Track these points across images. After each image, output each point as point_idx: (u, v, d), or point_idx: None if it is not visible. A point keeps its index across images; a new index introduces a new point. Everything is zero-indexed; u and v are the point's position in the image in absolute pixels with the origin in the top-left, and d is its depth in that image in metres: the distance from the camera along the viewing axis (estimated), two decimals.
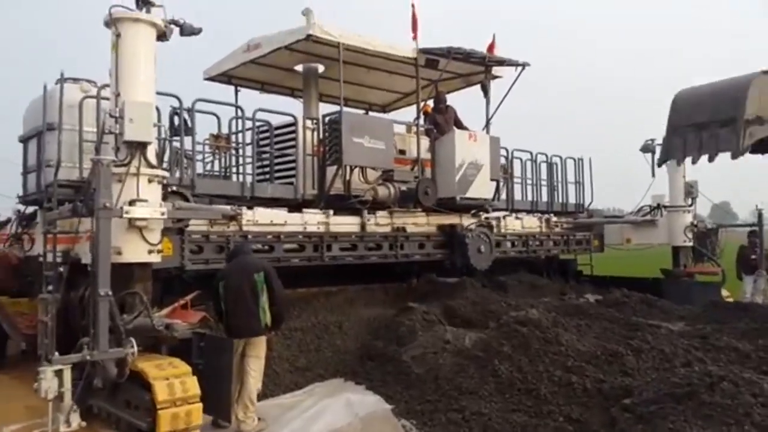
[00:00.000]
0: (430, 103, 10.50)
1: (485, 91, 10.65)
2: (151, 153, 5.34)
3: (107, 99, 6.24)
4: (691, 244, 11.74)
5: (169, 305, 5.85)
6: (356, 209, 8.86)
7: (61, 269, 5.83)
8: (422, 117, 10.15)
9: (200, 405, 4.59)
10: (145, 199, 5.00)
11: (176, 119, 7.53)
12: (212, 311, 5.73)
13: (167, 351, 5.20)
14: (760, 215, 11.37)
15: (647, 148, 12.25)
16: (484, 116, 10.66)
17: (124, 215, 4.74)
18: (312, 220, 8.37)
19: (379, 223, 9.12)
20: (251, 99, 10.98)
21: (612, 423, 4.81)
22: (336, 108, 8.95)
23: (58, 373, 3.74)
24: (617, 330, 7.59)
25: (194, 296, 5.54)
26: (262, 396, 6.01)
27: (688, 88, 6.68)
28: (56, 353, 3.98)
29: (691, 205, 11.87)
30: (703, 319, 8.91)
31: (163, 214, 5.07)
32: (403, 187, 9.27)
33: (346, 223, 8.71)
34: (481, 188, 9.87)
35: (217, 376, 4.93)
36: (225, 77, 10.43)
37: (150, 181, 5.20)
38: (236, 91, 10.54)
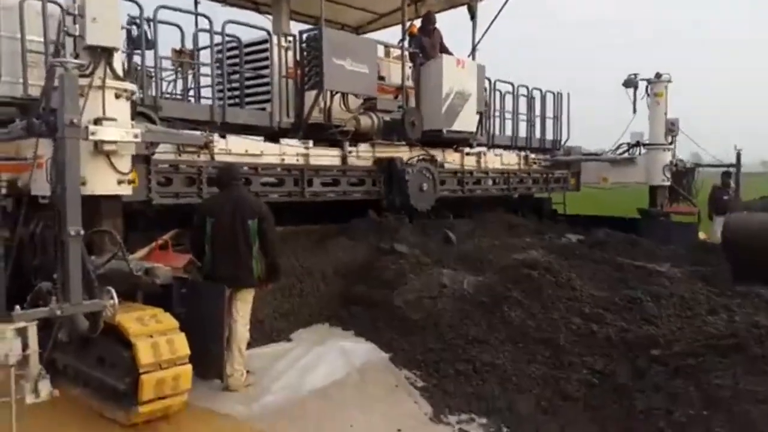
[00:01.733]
0: (417, 23, 9.62)
1: (472, 13, 9.88)
2: (118, 62, 4.41)
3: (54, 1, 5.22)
4: (669, 183, 11.57)
5: (134, 245, 5.09)
6: (336, 140, 8.11)
7: (5, 203, 4.96)
8: (407, 39, 9.29)
9: (189, 367, 3.94)
10: (113, 117, 4.12)
11: (134, 30, 6.52)
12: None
13: (142, 299, 4.48)
14: (738, 156, 11.26)
15: (630, 83, 11.79)
16: (470, 41, 9.95)
17: (90, 136, 3.87)
18: (290, 151, 7.58)
19: (361, 156, 8.41)
20: (212, 14, 9.84)
21: (640, 375, 4.48)
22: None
23: (21, 332, 3.01)
24: (608, 271, 7.37)
25: (174, 234, 4.78)
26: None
27: None
28: (17, 307, 3.22)
29: (671, 143, 11.63)
30: (688, 261, 8.81)
31: (136, 136, 4.21)
32: (387, 117, 8.54)
33: (326, 155, 7.96)
34: (467, 120, 9.27)
35: (205, 327, 4.28)
36: None
37: (117, 96, 4.28)
38: (195, 2, 9.31)
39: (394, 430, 4.22)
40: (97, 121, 4.03)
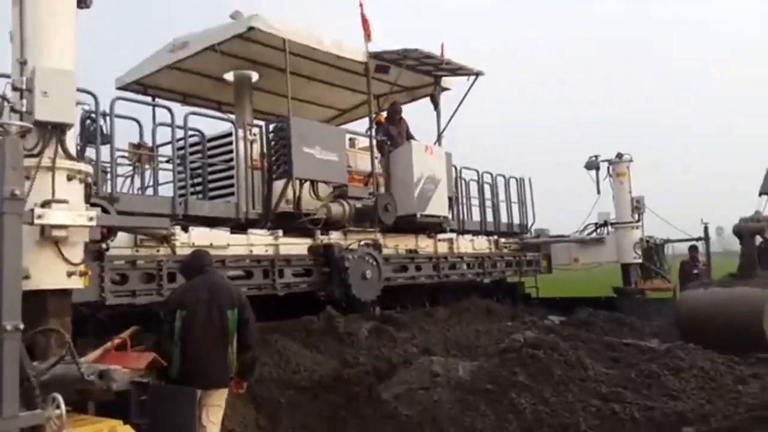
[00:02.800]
0: (383, 114, 9.59)
1: (435, 103, 9.93)
2: (71, 140, 3.94)
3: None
4: (641, 260, 11.49)
5: (83, 352, 4.39)
6: (307, 229, 7.69)
7: None
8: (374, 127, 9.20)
9: None
10: (64, 199, 3.60)
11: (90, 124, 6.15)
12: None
13: (95, 409, 3.75)
14: (705, 229, 11.35)
15: (591, 165, 12.02)
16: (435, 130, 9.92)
17: (36, 220, 3.32)
18: (258, 241, 7.09)
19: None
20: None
21: None
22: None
23: None
24: (601, 350, 6.96)
25: (133, 332, 4.12)
26: None
27: None
28: None
29: (638, 221, 11.67)
30: (675, 336, 8.49)
31: (90, 219, 3.66)
32: (359, 204, 8.23)
33: (297, 244, 7.49)
34: (440, 204, 9.05)
35: None
36: (141, 86, 9.00)
37: (70, 178, 3.77)
38: (153, 98, 9.03)
39: None
40: (45, 204, 3.50)
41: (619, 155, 12.12)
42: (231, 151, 7.54)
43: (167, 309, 4.33)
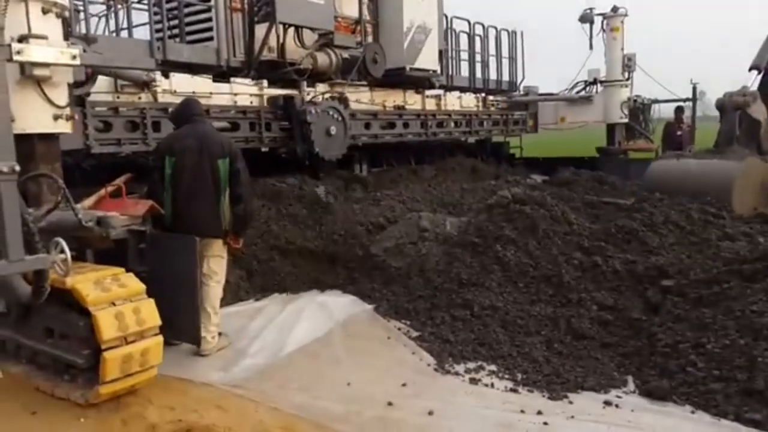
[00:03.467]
0: None
1: None
2: None
3: None
4: (626, 120, 11.45)
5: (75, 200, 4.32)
6: (292, 80, 7.37)
7: None
8: None
9: (160, 339, 3.30)
10: (43, 35, 3.31)
11: None
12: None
13: (94, 258, 3.77)
14: (694, 89, 11.23)
15: (586, 18, 11.49)
16: None
17: (15, 56, 3.07)
18: (243, 91, 6.81)
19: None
20: None
21: (654, 308, 4.19)
22: None
23: None
24: (583, 209, 7.14)
25: (127, 179, 4.03)
26: None
27: None
28: None
29: (628, 79, 11.46)
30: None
31: (73, 57, 3.40)
32: (345, 54, 7.84)
33: (282, 97, 7.21)
34: (429, 58, 8.70)
35: (174, 287, 3.64)
36: None
37: (45, 11, 3.44)
38: None
39: (398, 386, 3.75)
40: (22, 39, 3.22)
41: (615, 8, 11.58)
42: None
43: (157, 154, 4.21)
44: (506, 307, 4.55)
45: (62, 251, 2.83)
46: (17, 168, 2.62)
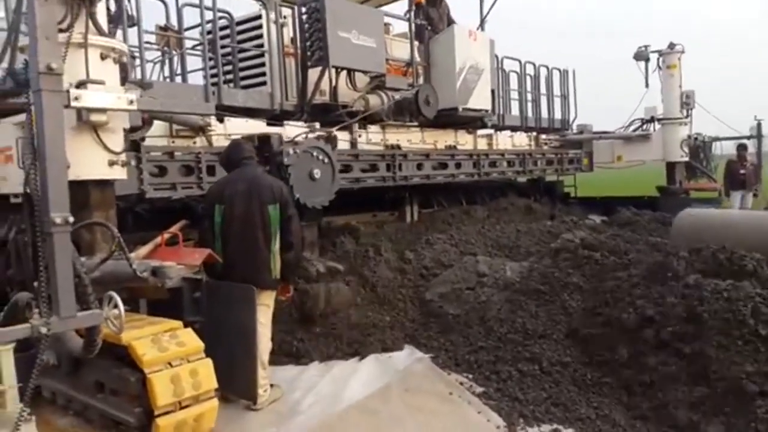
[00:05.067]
0: None
1: None
2: (102, 13, 3.55)
3: None
4: (687, 159, 10.98)
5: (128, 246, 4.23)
6: (343, 123, 7.30)
7: None
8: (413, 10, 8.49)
9: (215, 403, 3.11)
10: (100, 80, 3.27)
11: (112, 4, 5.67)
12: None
13: (147, 308, 3.65)
14: (759, 126, 10.71)
15: (641, 56, 11.22)
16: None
17: (73, 102, 3.03)
18: (296, 134, 6.75)
19: (371, 140, 7.63)
20: None
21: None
22: None
23: None
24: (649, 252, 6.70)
25: (182, 226, 3.93)
26: None
27: None
28: None
29: (687, 117, 11.03)
30: None
31: (131, 102, 3.35)
32: (397, 96, 7.75)
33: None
34: (482, 97, 8.52)
35: (230, 339, 3.46)
36: None
37: (104, 57, 3.43)
38: None
39: None
40: (80, 85, 3.19)
41: (671, 45, 11.27)
42: (261, 36, 7.04)
43: (206, 203, 4.12)
44: (575, 363, 4.19)
45: (116, 306, 2.69)
46: (71, 219, 2.51)
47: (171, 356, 2.92)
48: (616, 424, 3.57)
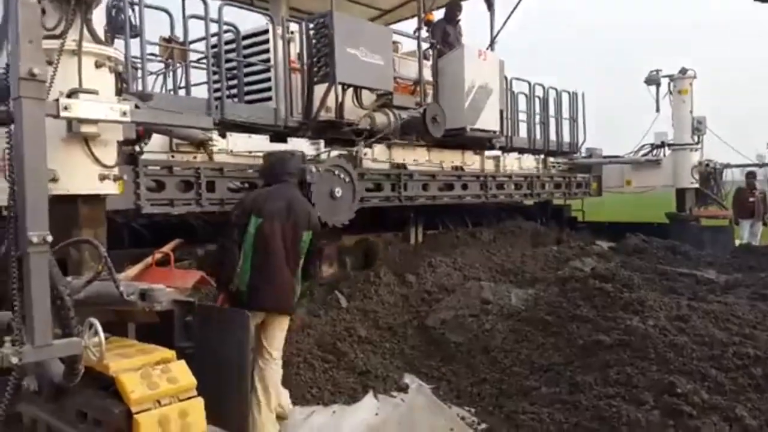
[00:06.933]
0: (433, 13, 8.76)
1: (489, 2, 9.06)
2: (99, 20, 3.41)
3: None
4: (697, 185, 10.80)
5: (117, 265, 4.05)
6: (348, 141, 7.17)
7: None
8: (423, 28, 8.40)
9: (199, 400, 2.90)
10: (93, 90, 3.13)
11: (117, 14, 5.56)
12: (215, 259, 4.00)
13: (135, 332, 3.46)
14: None
15: (652, 80, 11.08)
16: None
17: (62, 112, 2.89)
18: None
19: (377, 158, 7.49)
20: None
21: None
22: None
23: None
24: (657, 280, 6.52)
25: (175, 245, 3.76)
26: None
27: None
28: None
29: (698, 143, 10.87)
30: (737, 266, 7.99)
31: (124, 114, 3.21)
32: (404, 115, 7.61)
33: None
34: (490, 118, 8.37)
35: (222, 367, 3.28)
36: None
37: (99, 65, 3.29)
38: None
39: None
40: (71, 94, 3.04)
41: (683, 70, 11.15)
42: (267, 50, 6.93)
43: (241, 211, 3.91)
44: (589, 400, 3.98)
45: (96, 334, 2.51)
46: (49, 238, 2.34)
47: (161, 394, 2.72)
48: None
